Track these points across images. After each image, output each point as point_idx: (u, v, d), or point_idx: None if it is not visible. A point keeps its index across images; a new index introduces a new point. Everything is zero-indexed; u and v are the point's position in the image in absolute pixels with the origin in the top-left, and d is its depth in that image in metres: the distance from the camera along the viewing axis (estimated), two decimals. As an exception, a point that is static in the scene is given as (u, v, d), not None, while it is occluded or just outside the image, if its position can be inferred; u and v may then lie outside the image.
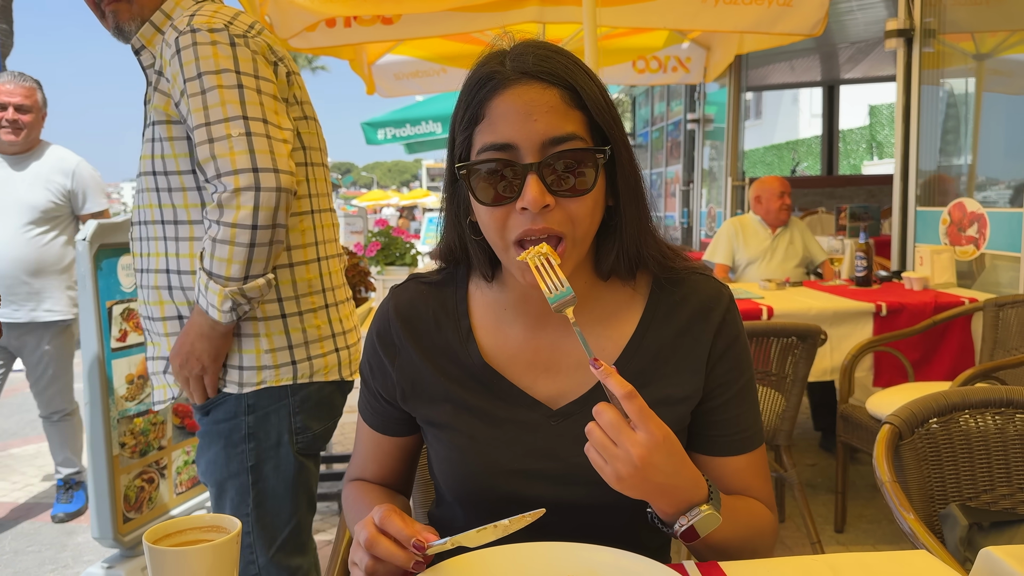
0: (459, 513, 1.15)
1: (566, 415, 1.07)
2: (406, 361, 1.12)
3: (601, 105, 0.99)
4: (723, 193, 8.09)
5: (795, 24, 4.52)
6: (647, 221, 1.07)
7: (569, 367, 1.09)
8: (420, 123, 9.17)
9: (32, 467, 4.69)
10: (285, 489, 1.74)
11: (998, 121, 4.53)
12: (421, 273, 1.18)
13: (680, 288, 1.11)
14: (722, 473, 1.11)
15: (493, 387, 1.09)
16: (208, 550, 0.82)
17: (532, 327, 1.10)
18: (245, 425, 1.70)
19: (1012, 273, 3.98)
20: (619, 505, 0.97)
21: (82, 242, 2.65)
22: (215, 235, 1.52)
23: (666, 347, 1.08)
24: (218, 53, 1.56)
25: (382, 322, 1.14)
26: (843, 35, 7.96)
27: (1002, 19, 4.47)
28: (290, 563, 1.78)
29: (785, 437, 3.00)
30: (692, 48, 6.56)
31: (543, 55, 0.99)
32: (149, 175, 1.69)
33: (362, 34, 4.53)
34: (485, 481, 1.07)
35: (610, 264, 1.07)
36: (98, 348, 2.66)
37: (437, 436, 1.11)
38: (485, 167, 0.97)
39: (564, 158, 0.95)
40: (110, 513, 2.68)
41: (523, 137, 0.95)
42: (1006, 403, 1.56)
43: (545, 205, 0.95)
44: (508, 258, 1.01)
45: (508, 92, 0.96)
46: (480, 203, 0.99)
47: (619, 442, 0.86)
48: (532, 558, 0.94)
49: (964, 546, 1.42)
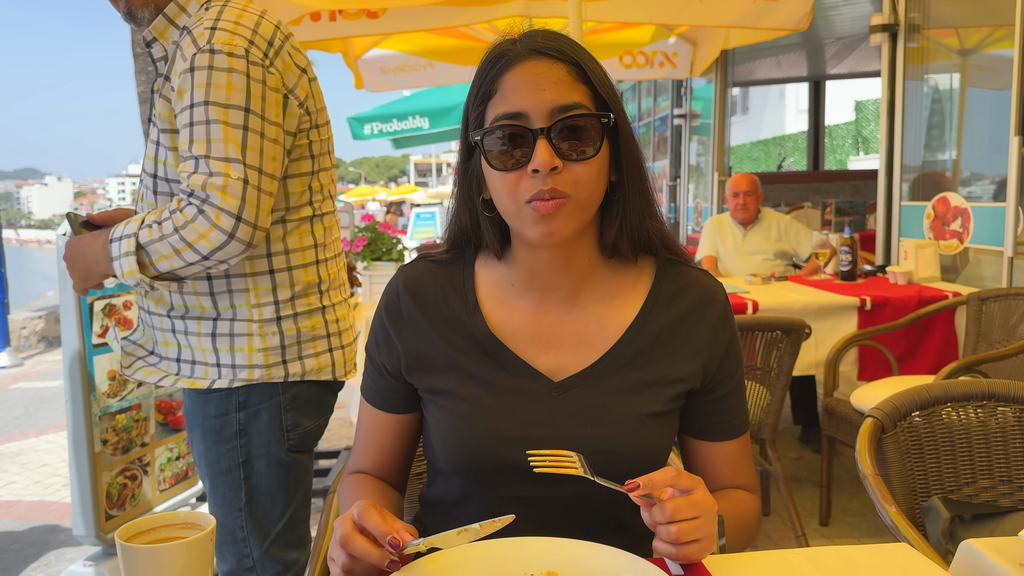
0: (455, 486, 1.15)
1: (567, 387, 1.11)
2: (413, 332, 1.16)
3: (604, 82, 1.07)
4: (710, 188, 8.11)
5: (781, 19, 4.53)
6: (649, 197, 1.13)
7: (571, 343, 1.13)
8: (407, 118, 9.13)
9: (15, 464, 4.65)
10: (278, 484, 1.74)
11: (982, 116, 4.55)
12: (429, 252, 1.22)
13: (681, 278, 1.17)
14: (716, 458, 1.18)
15: (497, 357, 1.12)
16: (181, 547, 0.81)
17: (537, 303, 1.15)
18: (236, 422, 1.69)
19: (995, 267, 4.00)
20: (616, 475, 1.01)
21: (62, 237, 2.62)
22: (167, 233, 1.50)
23: (665, 331, 1.13)
24: (232, 84, 1.51)
25: (391, 296, 1.19)
26: (829, 30, 7.98)
27: (986, 15, 4.49)
28: (285, 557, 1.78)
29: (770, 431, 3.01)
30: (678, 43, 6.57)
31: (551, 35, 1.08)
32: (151, 177, 1.67)
33: (347, 28, 4.50)
34: (485, 447, 1.09)
35: (613, 238, 1.12)
36: (79, 344, 2.64)
37: (440, 404, 1.14)
38: (498, 133, 1.04)
39: (571, 123, 1.02)
40: (92, 510, 2.66)
41: (533, 105, 1.02)
42: (988, 396, 1.57)
43: (554, 167, 1.01)
44: (519, 220, 1.06)
45: (519, 67, 1.04)
46: (494, 168, 1.05)
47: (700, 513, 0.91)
48: (508, 553, 0.94)
49: (946, 538, 1.43)
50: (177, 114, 1.54)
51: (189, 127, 1.51)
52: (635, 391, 1.10)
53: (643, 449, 1.09)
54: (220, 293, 1.66)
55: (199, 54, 1.52)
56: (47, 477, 4.41)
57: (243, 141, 1.52)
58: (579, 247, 1.11)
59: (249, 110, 1.53)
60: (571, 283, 1.13)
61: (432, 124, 9.00)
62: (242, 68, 1.52)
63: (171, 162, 1.63)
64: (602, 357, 1.11)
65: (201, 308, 1.67)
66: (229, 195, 1.48)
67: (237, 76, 1.52)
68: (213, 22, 1.56)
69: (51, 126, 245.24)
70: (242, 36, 1.55)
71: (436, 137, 10.66)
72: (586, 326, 1.13)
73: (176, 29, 1.65)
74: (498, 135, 1.03)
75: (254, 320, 1.66)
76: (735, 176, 4.85)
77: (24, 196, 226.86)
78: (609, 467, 1.00)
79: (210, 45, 1.52)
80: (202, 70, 1.51)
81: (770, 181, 8.94)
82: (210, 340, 1.68)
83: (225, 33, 1.54)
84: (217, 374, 1.68)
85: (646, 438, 1.09)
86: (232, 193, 1.49)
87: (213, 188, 1.48)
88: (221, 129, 1.50)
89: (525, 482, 1.07)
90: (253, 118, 1.53)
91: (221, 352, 1.67)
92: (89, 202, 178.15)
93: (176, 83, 1.55)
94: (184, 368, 1.70)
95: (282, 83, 1.61)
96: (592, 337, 1.13)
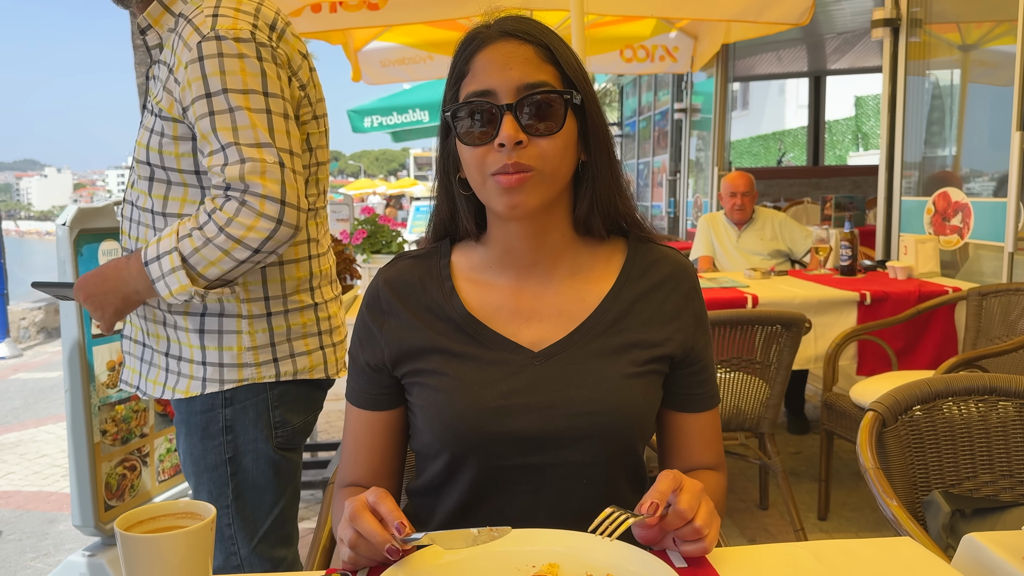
0: (443, 465, 1.15)
1: (548, 355, 1.13)
2: (394, 324, 1.18)
3: (572, 64, 1.11)
4: (709, 183, 8.10)
5: (782, 13, 4.52)
6: (618, 175, 1.17)
7: (551, 315, 1.16)
8: (407, 111, 9.11)
9: (14, 455, 4.65)
10: (266, 481, 1.71)
11: (983, 112, 4.54)
12: (406, 252, 1.26)
13: (653, 253, 1.22)
14: (691, 430, 1.22)
15: (477, 336, 1.15)
16: (181, 537, 0.80)
17: (514, 280, 1.18)
18: (222, 418, 1.66)
19: (995, 263, 4.00)
20: (600, 436, 1.10)
21: (62, 227, 2.61)
22: (212, 236, 1.47)
23: (640, 299, 1.18)
24: (246, 70, 1.50)
25: (372, 294, 1.21)
26: (829, 25, 7.96)
27: (988, 10, 4.48)
28: (273, 554, 1.75)
29: (769, 425, 3.00)
30: (679, 37, 6.55)
31: (522, 19, 1.13)
32: (145, 164, 1.63)
33: (348, 19, 4.48)
34: (471, 419, 1.10)
35: (584, 214, 1.16)
36: (79, 334, 2.63)
37: (424, 384, 1.15)
38: (468, 109, 1.08)
39: (536, 100, 1.06)
40: (91, 501, 2.65)
41: (500, 83, 1.07)
42: (989, 391, 1.57)
43: (518, 142, 1.05)
44: (486, 192, 1.10)
45: (490, 48, 1.10)
46: (464, 144, 1.10)
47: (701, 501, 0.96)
48: (509, 547, 0.93)
49: (947, 533, 1.43)
50: (188, 105, 1.51)
51: (209, 116, 1.48)
52: (614, 354, 1.13)
53: (626, 410, 1.12)
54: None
55: (205, 42, 1.49)
56: (46, 467, 4.41)
57: (269, 125, 1.50)
58: (552, 223, 1.15)
59: (268, 93, 1.52)
60: (546, 259, 1.17)
61: (432, 117, 8.97)
62: (252, 52, 1.51)
63: (170, 150, 1.59)
64: (581, 324, 1.15)
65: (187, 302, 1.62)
66: (269, 180, 1.47)
67: (249, 61, 1.50)
68: (214, 9, 1.53)
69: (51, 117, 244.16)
70: (245, 20, 1.53)
71: (436, 131, 10.64)
72: (564, 298, 1.17)
73: (172, 16, 1.62)
74: (467, 111, 1.08)
75: (243, 316, 1.63)
76: (731, 175, 4.78)
77: (24, 187, 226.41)
78: (592, 428, 1.09)
79: (215, 32, 1.50)
80: (212, 58, 1.49)
81: (770, 176, 8.95)
82: (197, 336, 1.63)
83: (228, 19, 1.52)
84: (202, 382, 1.64)
85: (628, 398, 1.12)
86: (272, 178, 1.47)
87: (252, 176, 1.46)
88: (246, 115, 1.48)
89: (513, 450, 1.10)
90: (274, 100, 1.52)
91: (208, 350, 1.63)
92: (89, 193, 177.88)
93: (182, 75, 1.51)
94: (171, 377, 1.67)
95: (288, 63, 1.60)
96: (571, 308, 1.16)
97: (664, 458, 1.25)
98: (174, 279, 1.50)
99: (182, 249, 1.50)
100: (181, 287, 1.50)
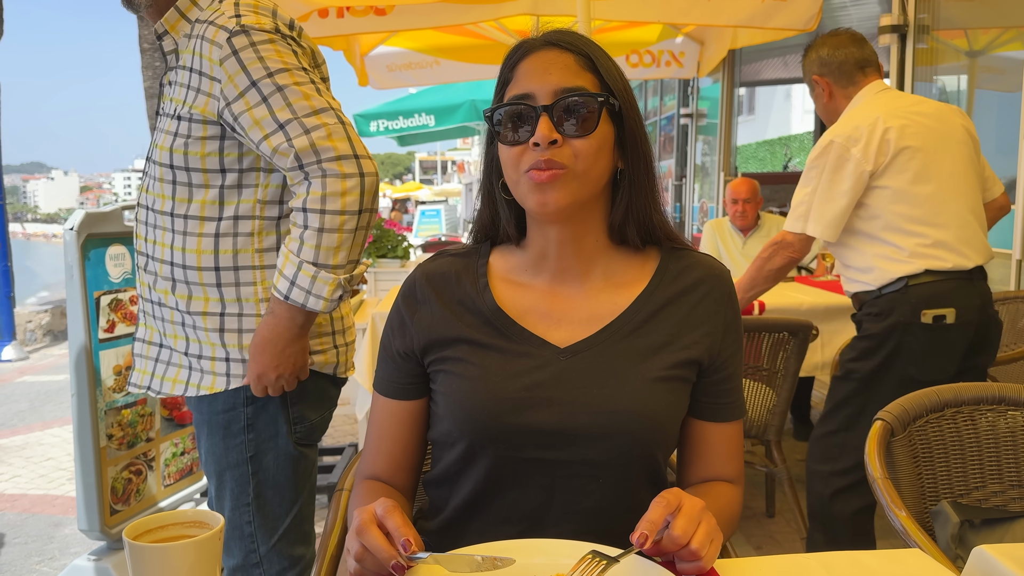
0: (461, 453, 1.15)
1: (574, 352, 1.14)
2: (426, 313, 1.20)
3: (613, 74, 1.14)
4: (715, 188, 8.09)
5: (789, 19, 4.51)
6: (654, 185, 1.19)
7: (582, 318, 1.17)
8: (413, 115, 9.10)
9: (20, 458, 4.66)
10: (286, 479, 1.75)
11: (990, 118, 4.53)
12: (448, 248, 1.29)
13: (687, 258, 1.22)
14: (714, 440, 1.21)
15: (505, 331, 1.17)
16: (190, 546, 0.80)
17: (548, 283, 1.20)
18: (244, 416, 1.70)
19: (1003, 270, 3.98)
20: (619, 437, 1.10)
21: (70, 231, 2.62)
22: (319, 225, 1.52)
23: (671, 302, 1.18)
24: (281, 51, 1.58)
25: (409, 285, 1.24)
26: (836, 31, 7.95)
27: (995, 16, 4.47)
28: (292, 552, 1.78)
29: (775, 432, 3.00)
30: (686, 42, 6.54)
31: (567, 31, 1.17)
32: (166, 167, 1.65)
33: (355, 25, 4.49)
34: (492, 409, 1.11)
35: (619, 222, 1.18)
36: (85, 339, 2.64)
37: (449, 371, 1.17)
38: (506, 110, 1.12)
39: (572, 102, 1.10)
40: (97, 505, 2.65)
41: (539, 87, 1.11)
42: (998, 400, 1.56)
43: (552, 141, 1.08)
44: (520, 190, 1.13)
45: (533, 56, 1.14)
46: (503, 144, 1.14)
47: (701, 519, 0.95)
48: (516, 558, 0.93)
49: (955, 543, 1.42)
50: (233, 99, 1.56)
51: (263, 103, 1.54)
52: (641, 356, 1.14)
53: (647, 413, 1.11)
54: (227, 285, 1.66)
55: (235, 36, 1.56)
56: (52, 471, 4.42)
57: (318, 91, 1.57)
58: (587, 228, 1.17)
59: (304, 68, 1.59)
60: (580, 263, 1.19)
61: (438, 122, 8.97)
62: (278, 38, 1.59)
63: (196, 151, 1.62)
64: (609, 324, 1.16)
65: (206, 301, 1.66)
66: (337, 139, 1.53)
67: (281, 43, 1.59)
68: (235, 10, 1.60)
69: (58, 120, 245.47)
70: (266, 16, 1.61)
71: (442, 135, 10.65)
72: (596, 303, 1.18)
73: (188, 23, 1.66)
74: (507, 112, 1.12)
75: (261, 315, 1.67)
76: (735, 182, 4.77)
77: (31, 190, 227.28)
78: (613, 427, 1.09)
79: (242, 27, 1.56)
80: (247, 49, 1.55)
81: (776, 181, 8.92)
82: (218, 335, 1.68)
83: (251, 16, 1.60)
84: (227, 378, 1.68)
85: (651, 402, 1.11)
86: (339, 136, 1.53)
87: (320, 141, 1.52)
88: (296, 90, 1.55)
89: (531, 443, 1.11)
90: (312, 73, 1.61)
91: (230, 347, 1.67)
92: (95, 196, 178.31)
93: (220, 72, 1.56)
94: (194, 375, 1.70)
95: (313, 56, 1.68)
96: (601, 312, 1.17)
97: (682, 466, 1.25)
98: (320, 287, 1.55)
99: (305, 257, 1.54)
100: (330, 288, 1.55)
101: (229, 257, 1.65)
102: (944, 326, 2.42)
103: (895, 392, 1.90)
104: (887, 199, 2.45)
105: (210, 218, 1.64)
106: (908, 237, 2.44)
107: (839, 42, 2.76)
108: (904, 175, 2.43)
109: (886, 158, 2.43)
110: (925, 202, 2.44)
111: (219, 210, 1.64)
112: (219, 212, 1.64)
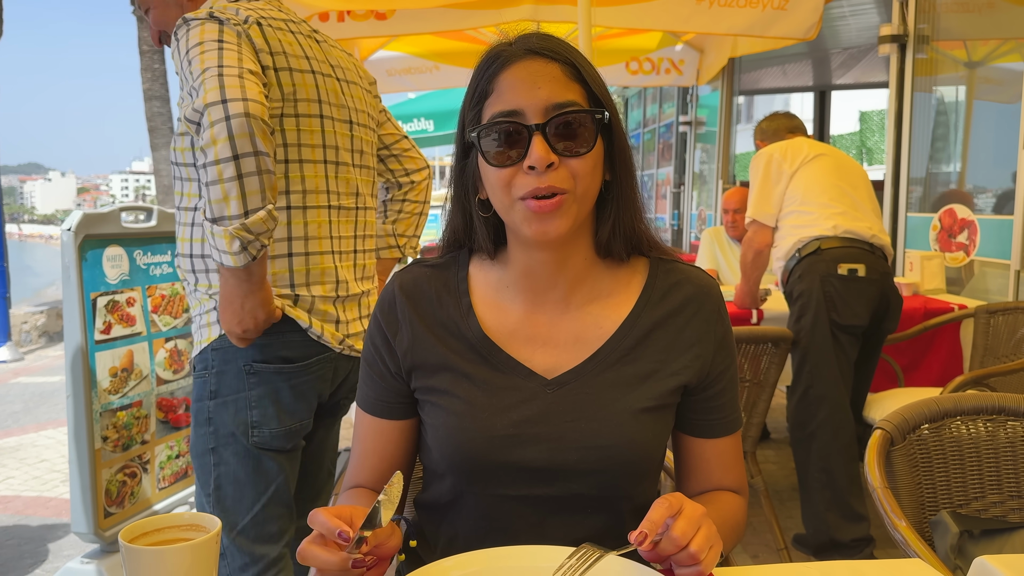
0: (450, 486, 1.14)
1: (561, 384, 1.10)
2: (408, 335, 1.15)
3: (598, 82, 1.08)
4: (714, 196, 8.10)
5: (789, 28, 4.53)
6: (639, 196, 1.15)
7: (566, 342, 1.13)
8: (412, 120, 9.11)
9: (14, 459, 4.64)
10: (246, 476, 1.78)
11: (989, 129, 4.54)
12: (423, 258, 1.23)
13: (675, 274, 1.17)
14: (709, 455, 1.19)
15: (491, 358, 1.12)
16: (187, 549, 0.80)
17: (531, 303, 1.15)
18: (207, 409, 1.77)
19: (1001, 280, 3.98)
20: (609, 471, 1.07)
21: (67, 232, 2.61)
22: (205, 180, 1.52)
23: (659, 325, 1.14)
24: (204, 30, 1.62)
25: (388, 301, 1.18)
26: (835, 40, 7.97)
27: (994, 28, 4.48)
28: (253, 550, 1.81)
29: (752, 444, 2.96)
30: (685, 50, 6.56)
31: (545, 36, 1.09)
32: (175, 165, 1.79)
33: (355, 29, 4.50)
34: (480, 446, 1.08)
35: (607, 237, 1.13)
36: (81, 340, 2.63)
37: (435, 403, 1.13)
38: (495, 130, 1.04)
39: (566, 120, 1.03)
40: (91, 507, 2.64)
41: (529, 103, 1.03)
42: (998, 410, 1.56)
43: (550, 164, 1.02)
44: (512, 216, 1.06)
45: (515, 66, 1.06)
46: (490, 165, 1.05)
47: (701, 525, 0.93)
48: (520, 563, 0.92)
49: (955, 554, 1.41)
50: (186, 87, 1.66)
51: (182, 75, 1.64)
52: (629, 386, 1.10)
53: (637, 445, 1.09)
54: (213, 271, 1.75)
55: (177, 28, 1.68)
56: (46, 473, 4.40)
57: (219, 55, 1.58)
58: (575, 247, 1.12)
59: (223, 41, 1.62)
60: (566, 283, 1.13)
61: (437, 127, 8.98)
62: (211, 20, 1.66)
63: (177, 146, 1.76)
64: (596, 352, 1.12)
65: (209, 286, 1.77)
66: (209, 90, 1.52)
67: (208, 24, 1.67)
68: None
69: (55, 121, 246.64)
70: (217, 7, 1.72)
71: (441, 140, 10.63)
72: (581, 325, 1.13)
73: None
74: (495, 132, 1.04)
75: None
76: (727, 192, 4.77)
77: (27, 191, 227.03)
78: (602, 463, 1.06)
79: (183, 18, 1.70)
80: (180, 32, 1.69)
81: (774, 190, 8.91)
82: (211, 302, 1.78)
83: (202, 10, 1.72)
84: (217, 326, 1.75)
85: (640, 434, 1.09)
86: (210, 87, 1.52)
87: (200, 100, 1.52)
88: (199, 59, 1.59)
89: (520, 480, 1.08)
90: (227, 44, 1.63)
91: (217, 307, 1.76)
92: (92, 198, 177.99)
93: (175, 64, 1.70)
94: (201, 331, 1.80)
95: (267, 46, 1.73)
96: (587, 335, 1.13)
97: (680, 481, 1.23)
98: (219, 240, 1.54)
99: (206, 216, 1.55)
100: (226, 239, 1.53)
101: (199, 245, 1.77)
102: (856, 277, 2.93)
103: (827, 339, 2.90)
104: (802, 185, 3.10)
105: (192, 208, 1.76)
106: (818, 208, 3.03)
107: (774, 116, 3.68)
108: (816, 171, 3.10)
109: (802, 160, 3.13)
110: (832, 188, 3.07)
111: (197, 200, 1.74)
112: (197, 202, 1.74)
